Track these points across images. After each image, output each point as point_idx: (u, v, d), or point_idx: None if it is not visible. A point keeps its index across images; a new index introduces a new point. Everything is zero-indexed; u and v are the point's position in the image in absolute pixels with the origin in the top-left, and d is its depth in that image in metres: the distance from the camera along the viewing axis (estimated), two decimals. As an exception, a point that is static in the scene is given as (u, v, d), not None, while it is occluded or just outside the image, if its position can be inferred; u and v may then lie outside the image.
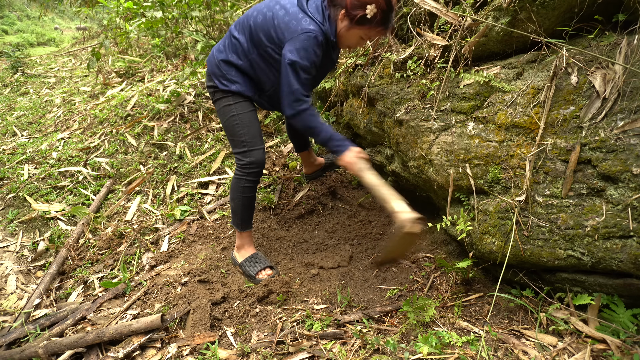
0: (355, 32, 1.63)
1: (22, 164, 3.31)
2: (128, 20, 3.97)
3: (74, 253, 2.34)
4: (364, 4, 1.53)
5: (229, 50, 1.79)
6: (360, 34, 1.64)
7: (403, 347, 1.48)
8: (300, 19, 1.60)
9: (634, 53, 1.35)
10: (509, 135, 1.58)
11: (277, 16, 1.64)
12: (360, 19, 1.56)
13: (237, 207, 1.95)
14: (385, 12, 1.55)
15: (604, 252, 1.36)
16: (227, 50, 1.79)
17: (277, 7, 1.66)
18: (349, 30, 1.63)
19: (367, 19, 1.55)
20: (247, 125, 1.84)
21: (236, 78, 1.80)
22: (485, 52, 1.76)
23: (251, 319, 1.71)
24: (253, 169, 1.87)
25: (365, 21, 1.56)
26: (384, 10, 1.54)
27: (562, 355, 1.39)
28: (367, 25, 1.58)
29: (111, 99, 4.12)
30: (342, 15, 1.60)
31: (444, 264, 1.77)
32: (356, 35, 1.65)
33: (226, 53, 1.80)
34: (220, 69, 1.80)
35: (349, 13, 1.57)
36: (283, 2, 1.66)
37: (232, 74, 1.80)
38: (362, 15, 1.54)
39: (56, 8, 12.18)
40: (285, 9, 1.64)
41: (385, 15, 1.56)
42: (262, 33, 1.69)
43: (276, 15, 1.64)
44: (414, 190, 2.16)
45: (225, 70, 1.80)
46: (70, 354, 1.62)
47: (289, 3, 1.65)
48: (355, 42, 1.70)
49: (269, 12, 1.67)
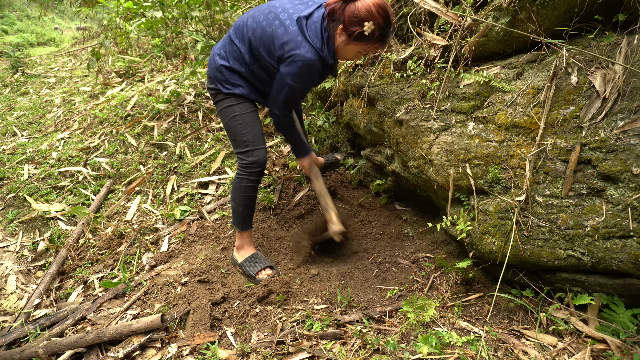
0: (352, 48, 1.64)
1: (22, 164, 3.31)
2: (128, 20, 3.97)
3: (74, 253, 2.34)
4: (362, 21, 1.52)
5: (230, 56, 1.80)
6: (358, 49, 1.65)
7: (403, 347, 1.48)
8: (299, 42, 1.60)
9: (634, 53, 1.35)
10: (509, 135, 1.58)
11: (277, 35, 1.63)
12: (358, 35, 1.56)
13: (239, 206, 1.95)
14: (383, 29, 1.55)
15: (604, 252, 1.36)
16: (229, 57, 1.80)
17: (277, 23, 1.64)
18: (347, 46, 1.64)
19: (364, 35, 1.55)
20: (250, 125, 1.85)
21: (239, 82, 1.82)
22: (485, 52, 1.76)
23: (251, 319, 1.71)
24: (255, 169, 1.88)
25: (363, 37, 1.56)
26: (382, 27, 1.54)
27: (562, 355, 1.39)
28: (365, 41, 1.58)
29: (111, 99, 4.12)
30: (340, 30, 1.60)
31: (444, 264, 1.77)
32: (354, 50, 1.66)
33: (228, 59, 1.80)
34: (223, 74, 1.81)
35: (346, 29, 1.57)
36: (282, 17, 1.64)
37: (234, 78, 1.81)
38: (359, 32, 1.55)
39: (56, 8, 12.18)
40: (284, 26, 1.62)
41: (383, 32, 1.56)
42: (262, 48, 1.69)
43: (275, 33, 1.63)
44: (414, 190, 2.16)
45: (228, 75, 1.81)
46: (70, 354, 1.62)
47: (288, 19, 1.63)
48: (353, 56, 1.73)
49: (269, 27, 1.65)
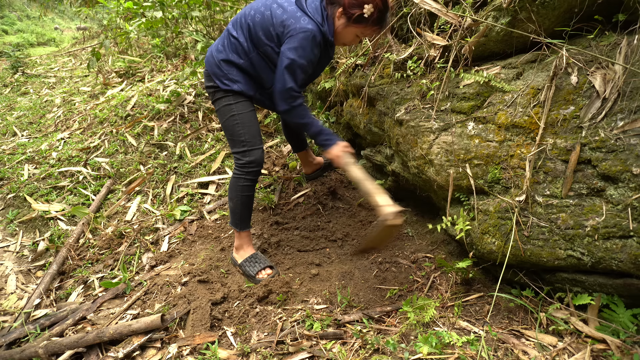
0: (351, 30, 1.69)
1: (22, 164, 3.31)
2: (128, 20, 3.97)
3: (74, 253, 2.34)
4: (362, 3, 1.58)
5: (228, 49, 1.79)
6: (357, 32, 1.69)
7: (403, 347, 1.48)
8: (298, 17, 1.63)
9: (634, 53, 1.35)
10: (509, 135, 1.58)
11: (275, 15, 1.66)
12: (358, 17, 1.62)
13: (236, 206, 1.95)
14: (382, 12, 1.61)
15: (604, 252, 1.36)
16: (227, 50, 1.80)
17: (275, 5, 1.68)
18: (346, 28, 1.69)
19: (364, 17, 1.61)
20: (247, 125, 1.85)
21: (238, 77, 1.81)
22: (485, 52, 1.76)
23: (251, 319, 1.71)
24: (252, 168, 1.88)
25: (362, 20, 1.62)
26: (381, 9, 1.60)
27: (562, 355, 1.39)
28: (364, 23, 1.64)
29: (111, 99, 4.12)
30: (340, 13, 1.66)
31: (444, 264, 1.77)
32: (352, 33, 1.71)
33: (226, 53, 1.80)
34: (222, 69, 1.80)
35: (346, 11, 1.63)
36: (280, 1, 1.68)
37: (233, 73, 1.80)
38: (359, 14, 1.60)
39: (56, 8, 12.18)
40: (282, 7, 1.66)
41: (381, 15, 1.62)
42: (261, 32, 1.71)
43: (274, 13, 1.67)
44: (414, 190, 2.16)
45: (226, 70, 1.80)
46: (70, 354, 1.62)
47: (286, 2, 1.68)
48: (351, 40, 1.76)
49: (267, 11, 1.69)
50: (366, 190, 1.70)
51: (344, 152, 1.76)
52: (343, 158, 1.76)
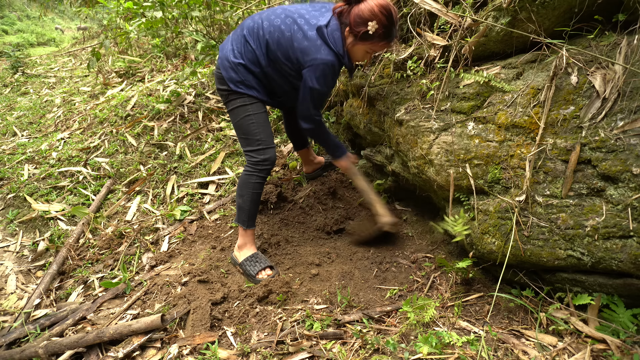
0: (360, 48, 1.72)
1: (22, 164, 3.31)
2: (128, 20, 3.97)
3: (74, 253, 2.34)
4: (366, 21, 1.61)
5: (245, 56, 1.82)
6: (365, 48, 1.73)
7: (403, 347, 1.48)
8: (318, 46, 1.66)
9: (634, 53, 1.35)
10: (509, 135, 1.58)
11: (296, 39, 1.69)
12: (363, 35, 1.64)
13: (246, 203, 1.98)
14: (387, 27, 1.62)
15: (604, 252, 1.36)
16: (244, 56, 1.82)
17: (295, 27, 1.70)
18: (355, 46, 1.72)
19: (369, 34, 1.63)
20: (262, 125, 1.91)
21: (254, 84, 1.86)
22: (485, 52, 1.76)
23: (251, 319, 1.71)
24: (266, 166, 1.94)
25: (368, 37, 1.64)
26: (385, 25, 1.61)
27: (562, 355, 1.39)
28: (370, 40, 1.66)
29: (111, 99, 4.12)
30: (347, 32, 1.69)
31: (444, 264, 1.77)
32: (362, 50, 1.74)
33: (243, 58, 1.82)
34: (239, 74, 1.82)
35: (352, 30, 1.66)
36: (300, 22, 1.70)
37: (249, 79, 1.84)
38: (364, 31, 1.63)
39: (56, 8, 12.18)
40: (303, 31, 1.68)
41: (387, 30, 1.63)
42: (279, 52, 1.74)
43: (295, 37, 1.69)
44: (414, 190, 2.16)
45: (243, 76, 1.83)
46: (70, 354, 1.62)
47: (306, 25, 1.69)
48: (362, 57, 1.79)
49: (287, 32, 1.70)
50: (369, 200, 2.04)
51: (352, 165, 2.07)
52: (352, 169, 2.06)
